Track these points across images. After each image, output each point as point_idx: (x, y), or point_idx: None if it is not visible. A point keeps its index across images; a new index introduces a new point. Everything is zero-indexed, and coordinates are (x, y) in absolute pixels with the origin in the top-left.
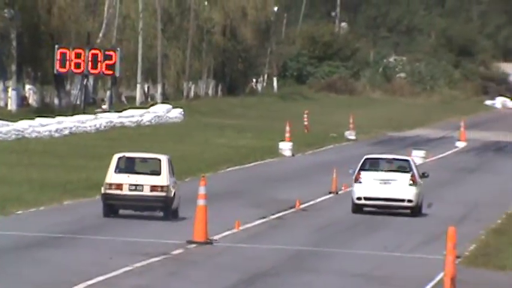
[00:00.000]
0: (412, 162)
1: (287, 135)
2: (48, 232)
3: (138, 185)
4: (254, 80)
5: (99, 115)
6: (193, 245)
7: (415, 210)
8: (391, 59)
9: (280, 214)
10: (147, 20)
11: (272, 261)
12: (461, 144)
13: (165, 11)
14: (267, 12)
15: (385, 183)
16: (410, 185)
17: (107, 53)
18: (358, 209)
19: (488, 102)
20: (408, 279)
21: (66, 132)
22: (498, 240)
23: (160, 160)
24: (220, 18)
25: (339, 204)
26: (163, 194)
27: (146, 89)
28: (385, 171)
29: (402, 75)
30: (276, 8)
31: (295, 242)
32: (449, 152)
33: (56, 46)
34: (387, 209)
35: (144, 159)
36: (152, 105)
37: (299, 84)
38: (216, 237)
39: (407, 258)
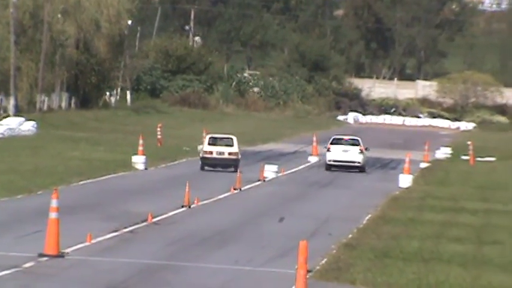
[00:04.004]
0: (360, 140)
1: (140, 148)
2: None
3: (221, 152)
4: (108, 93)
5: None
6: (45, 258)
7: (362, 169)
8: (245, 74)
9: (133, 227)
10: (0, 32)
11: (124, 274)
12: (313, 159)
13: (19, 22)
14: (121, 26)
15: (344, 151)
16: (359, 153)
17: None
18: (328, 168)
19: (340, 117)
20: None
21: None
22: (349, 255)
23: (232, 138)
24: (73, 31)
25: (191, 217)
26: (235, 157)
27: None
28: (345, 144)
29: (256, 89)
30: (129, 22)
31: (147, 256)
32: (302, 166)
33: None
34: (345, 168)
35: (222, 138)
36: (5, 117)
37: (153, 97)
38: (67, 250)
39: (258, 272)
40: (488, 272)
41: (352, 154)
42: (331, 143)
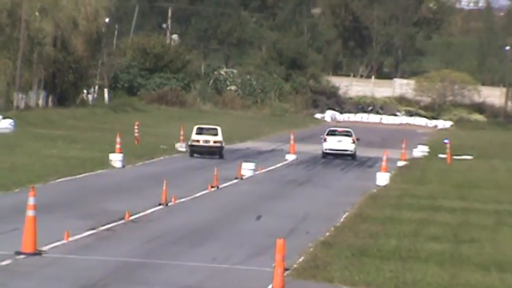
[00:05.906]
0: (352, 131)
1: (118, 146)
2: None
3: (207, 140)
4: (85, 91)
5: None
6: (22, 256)
7: (353, 156)
8: (222, 72)
9: (110, 225)
10: None
11: (101, 272)
12: (290, 157)
13: None
14: (98, 23)
15: (339, 141)
16: (351, 143)
17: None
18: (325, 155)
19: (318, 115)
20: None
21: None
22: (326, 253)
23: (217, 128)
24: (51, 29)
25: (169, 215)
26: (220, 145)
27: None
28: (339, 135)
29: (233, 87)
30: (107, 19)
31: (124, 254)
32: (279, 164)
33: None
34: (339, 155)
35: (208, 128)
36: None
37: (130, 95)
38: (45, 248)
39: (236, 270)
40: (465, 271)
41: (346, 144)
42: (327, 134)
